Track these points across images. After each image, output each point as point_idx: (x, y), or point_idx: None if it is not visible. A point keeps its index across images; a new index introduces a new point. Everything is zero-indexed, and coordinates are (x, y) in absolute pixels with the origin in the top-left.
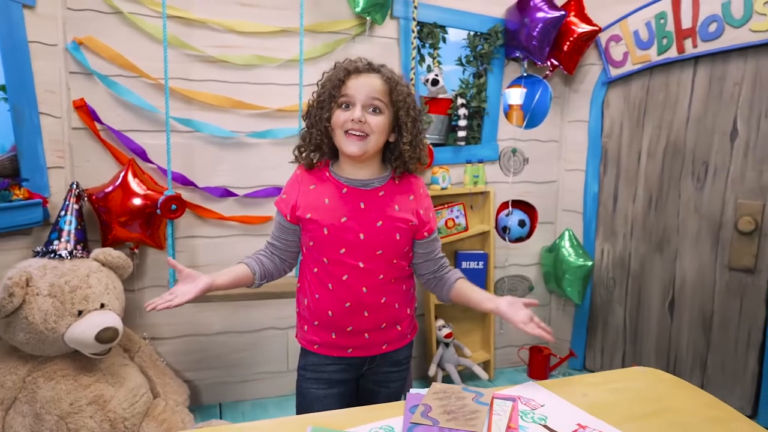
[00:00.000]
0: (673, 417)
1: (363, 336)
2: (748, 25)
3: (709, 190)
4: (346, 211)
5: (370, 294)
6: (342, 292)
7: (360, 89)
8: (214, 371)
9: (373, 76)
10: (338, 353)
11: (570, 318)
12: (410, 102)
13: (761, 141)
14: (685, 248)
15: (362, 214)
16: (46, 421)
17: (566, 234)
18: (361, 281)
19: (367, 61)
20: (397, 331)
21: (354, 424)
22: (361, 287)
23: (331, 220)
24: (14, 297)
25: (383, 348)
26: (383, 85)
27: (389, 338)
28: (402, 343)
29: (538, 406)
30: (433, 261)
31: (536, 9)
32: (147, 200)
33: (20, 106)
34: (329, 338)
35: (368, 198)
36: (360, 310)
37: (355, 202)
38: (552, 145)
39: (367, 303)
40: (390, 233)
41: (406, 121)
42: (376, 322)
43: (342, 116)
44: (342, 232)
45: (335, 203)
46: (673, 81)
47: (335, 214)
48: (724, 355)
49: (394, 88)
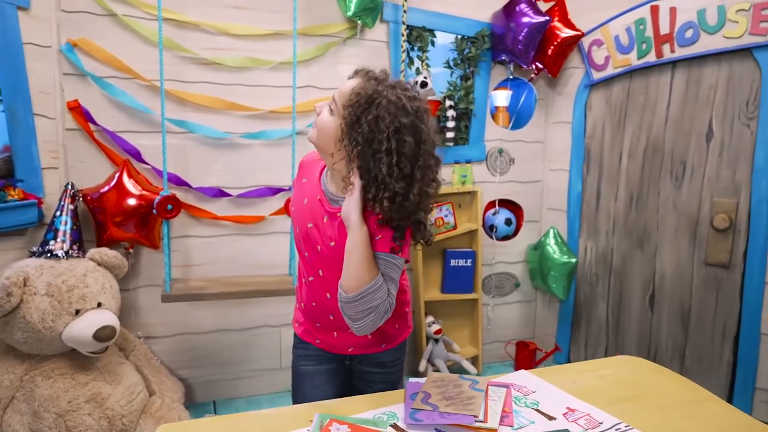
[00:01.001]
0: (654, 399)
1: (332, 333)
2: (721, 31)
3: (687, 189)
4: (312, 219)
5: (333, 300)
6: (310, 292)
7: (338, 92)
8: (207, 369)
9: (351, 80)
10: (310, 339)
11: (555, 313)
12: (387, 127)
13: (735, 142)
14: (665, 245)
15: (323, 227)
16: (45, 419)
17: (551, 232)
18: (324, 287)
19: (366, 69)
20: (367, 338)
21: (358, 411)
22: (324, 292)
23: (302, 220)
24: (12, 296)
25: (349, 350)
26: (350, 91)
27: (356, 343)
28: (374, 350)
29: (530, 392)
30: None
31: (522, 14)
32: (142, 200)
33: (15, 108)
34: (307, 323)
35: (331, 215)
36: (325, 312)
37: (321, 214)
38: (537, 145)
39: (331, 308)
40: (341, 255)
41: (375, 151)
42: (342, 326)
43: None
44: (307, 236)
45: (310, 206)
46: (653, 84)
47: (306, 217)
48: (701, 347)
49: (354, 100)
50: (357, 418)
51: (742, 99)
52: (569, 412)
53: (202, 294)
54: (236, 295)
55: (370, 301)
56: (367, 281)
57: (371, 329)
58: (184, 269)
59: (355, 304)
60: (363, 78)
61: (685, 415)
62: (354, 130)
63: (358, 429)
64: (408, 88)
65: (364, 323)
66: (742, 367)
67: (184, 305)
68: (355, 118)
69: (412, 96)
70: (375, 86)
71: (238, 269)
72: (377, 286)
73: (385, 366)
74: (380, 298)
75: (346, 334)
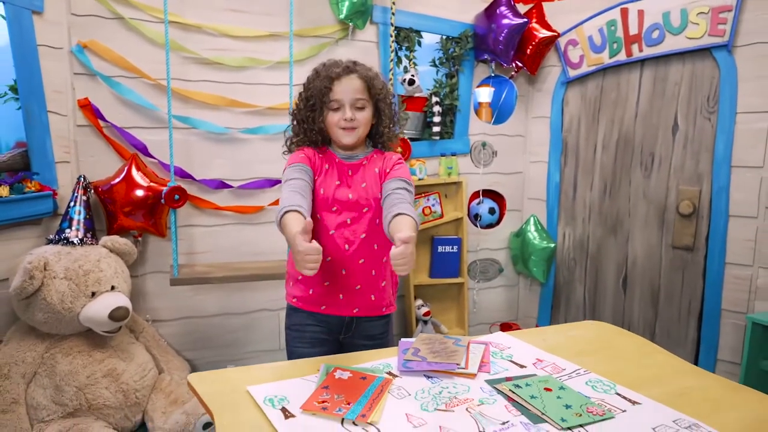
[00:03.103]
0: (611, 353)
1: (337, 296)
2: (684, 32)
3: (655, 178)
4: (338, 176)
5: (351, 252)
6: (327, 246)
7: (345, 93)
8: (211, 350)
9: (352, 77)
10: (313, 308)
11: (536, 296)
12: (385, 91)
13: (697, 134)
14: (636, 230)
15: (350, 178)
16: (66, 392)
17: (531, 219)
18: (344, 239)
19: (344, 63)
20: (371, 300)
21: (358, 362)
22: (343, 244)
23: (328, 182)
24: (34, 279)
25: (354, 312)
26: (362, 83)
27: (361, 304)
28: (374, 313)
29: (506, 348)
30: (389, 197)
31: (502, 16)
32: (149, 192)
33: (30, 106)
34: (307, 294)
35: (355, 167)
36: (338, 267)
37: (344, 170)
38: (518, 139)
39: (347, 260)
40: (373, 190)
41: (383, 108)
42: (352, 282)
43: (335, 117)
44: (335, 192)
45: (332, 171)
46: (623, 81)
47: (331, 178)
48: (669, 324)
49: (371, 84)
50: (357, 367)
51: (703, 95)
52: (538, 362)
53: (207, 278)
54: (238, 279)
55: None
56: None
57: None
58: (188, 256)
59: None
60: (344, 71)
61: (635, 364)
62: (384, 102)
63: (359, 374)
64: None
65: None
66: (705, 341)
67: (188, 291)
68: (380, 94)
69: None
70: (366, 71)
71: (239, 256)
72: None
73: (374, 338)
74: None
75: (351, 296)
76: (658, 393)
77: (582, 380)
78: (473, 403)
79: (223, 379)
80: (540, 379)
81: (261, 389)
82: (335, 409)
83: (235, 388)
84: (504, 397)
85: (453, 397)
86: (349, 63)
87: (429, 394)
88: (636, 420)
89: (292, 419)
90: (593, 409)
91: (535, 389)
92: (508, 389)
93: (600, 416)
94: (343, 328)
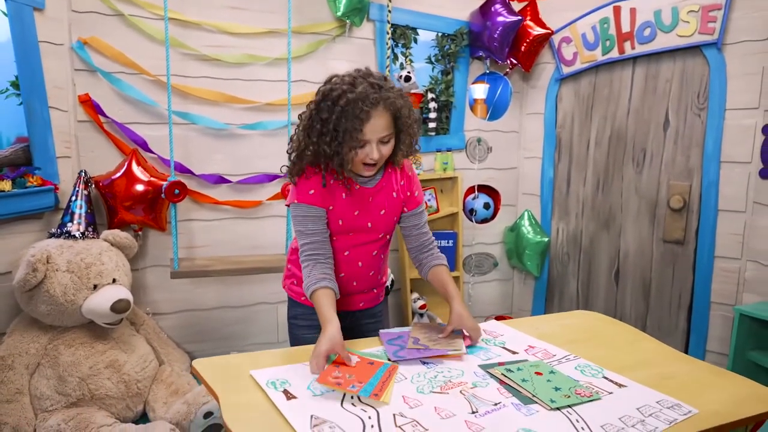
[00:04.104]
0: (601, 340)
1: (345, 298)
2: (675, 30)
3: (647, 174)
4: (358, 205)
5: (364, 268)
6: (340, 264)
7: (375, 132)
8: (210, 343)
9: (381, 112)
10: None
11: (530, 290)
12: (411, 121)
13: (688, 130)
14: (628, 225)
15: (371, 206)
16: (69, 382)
17: (525, 214)
18: (358, 257)
19: (371, 94)
20: (373, 293)
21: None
22: (357, 261)
23: (346, 213)
24: (38, 272)
25: (360, 305)
26: (389, 118)
27: (366, 299)
28: (375, 302)
29: (499, 335)
30: (416, 236)
31: (497, 14)
32: (149, 186)
33: (32, 101)
34: None
35: (374, 193)
36: (351, 280)
37: (365, 198)
38: (512, 135)
39: (359, 275)
40: (390, 217)
41: (404, 139)
42: (361, 288)
43: (361, 154)
44: (354, 221)
45: (351, 198)
46: (616, 78)
47: (350, 207)
48: (660, 316)
49: (398, 115)
50: (364, 352)
51: (693, 91)
52: (530, 348)
53: (207, 271)
54: (237, 272)
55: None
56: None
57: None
58: (188, 250)
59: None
60: (374, 104)
61: (623, 350)
62: (407, 126)
63: (366, 359)
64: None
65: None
66: (695, 332)
67: (188, 284)
68: (404, 121)
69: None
70: (394, 98)
71: (238, 250)
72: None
73: (375, 316)
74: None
75: (357, 296)
76: (643, 377)
77: (571, 365)
78: (467, 386)
79: (227, 364)
80: (531, 364)
81: (263, 373)
82: (349, 386)
83: (239, 372)
84: (496, 381)
85: (448, 380)
86: (376, 89)
87: (425, 378)
88: (621, 401)
89: (294, 400)
90: (581, 391)
91: (526, 373)
92: (501, 373)
93: (587, 398)
94: (348, 316)
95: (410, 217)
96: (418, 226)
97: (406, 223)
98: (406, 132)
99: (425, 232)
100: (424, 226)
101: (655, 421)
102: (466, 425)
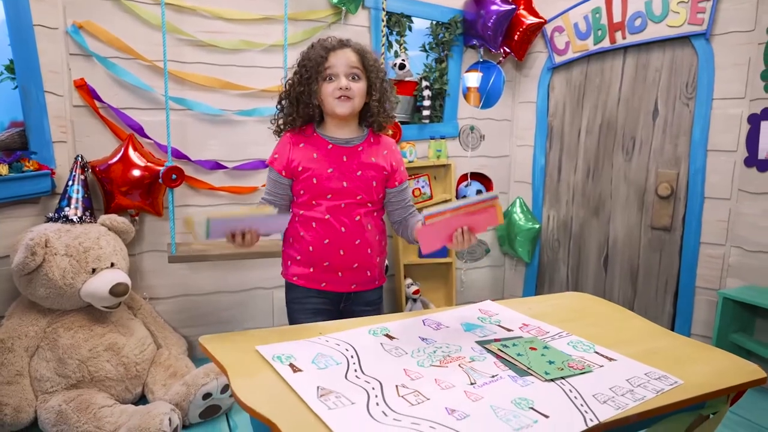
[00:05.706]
0: (591, 319)
1: (336, 274)
2: (665, 21)
3: (636, 161)
4: (331, 164)
5: (347, 234)
6: (323, 230)
7: (340, 63)
8: (206, 327)
9: (346, 50)
10: (314, 286)
11: (521, 276)
12: (378, 66)
13: (676, 119)
14: (617, 212)
15: (345, 165)
16: (69, 364)
17: (517, 201)
18: (340, 221)
19: (337, 38)
20: (367, 275)
21: (356, 326)
22: (340, 227)
23: (319, 171)
24: (36, 256)
25: (352, 287)
26: (356, 56)
27: (359, 280)
28: (370, 286)
29: (494, 314)
30: (403, 209)
31: (491, 2)
32: (146, 171)
33: (27, 86)
34: (307, 272)
35: (350, 152)
36: (336, 248)
37: (339, 156)
38: (505, 123)
39: (344, 241)
40: (368, 181)
41: (375, 82)
42: (350, 261)
43: (330, 86)
44: (328, 180)
45: (322, 157)
46: (607, 67)
47: (323, 165)
48: (647, 300)
49: (364, 57)
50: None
51: (682, 81)
52: (524, 326)
53: (204, 255)
54: (234, 257)
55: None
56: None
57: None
58: (185, 236)
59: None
60: (339, 44)
61: (612, 327)
62: (376, 76)
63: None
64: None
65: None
66: (680, 317)
67: (184, 269)
68: (372, 67)
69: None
70: (359, 45)
71: None
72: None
73: (371, 304)
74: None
75: (349, 273)
76: (632, 351)
77: (564, 341)
78: (465, 360)
79: (233, 340)
80: (526, 340)
81: (269, 348)
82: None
83: (245, 348)
84: (493, 355)
85: (446, 355)
86: (343, 39)
87: (424, 353)
88: (612, 373)
89: (300, 373)
90: (574, 365)
91: (522, 348)
92: (497, 348)
93: (580, 370)
94: (342, 299)
95: (396, 192)
96: (405, 200)
97: (393, 198)
98: (376, 75)
99: (410, 206)
100: (410, 201)
101: (643, 390)
102: (465, 395)
